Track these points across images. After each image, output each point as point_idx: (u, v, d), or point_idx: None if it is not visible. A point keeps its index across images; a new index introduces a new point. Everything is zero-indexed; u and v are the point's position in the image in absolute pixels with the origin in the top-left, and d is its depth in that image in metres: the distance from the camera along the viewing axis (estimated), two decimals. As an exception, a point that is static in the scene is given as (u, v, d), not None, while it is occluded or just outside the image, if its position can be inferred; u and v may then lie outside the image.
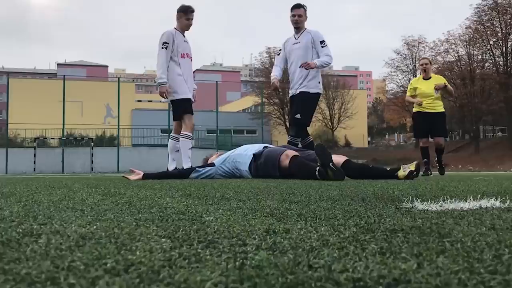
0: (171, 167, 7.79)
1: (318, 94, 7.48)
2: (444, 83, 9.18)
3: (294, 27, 7.66)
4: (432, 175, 8.87)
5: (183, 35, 7.94)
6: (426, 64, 9.45)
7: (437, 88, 9.00)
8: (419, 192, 3.12)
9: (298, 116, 7.36)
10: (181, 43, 7.76)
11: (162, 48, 7.52)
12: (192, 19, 7.94)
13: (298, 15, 7.55)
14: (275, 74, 7.98)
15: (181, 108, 7.76)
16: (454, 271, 0.86)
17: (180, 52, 7.72)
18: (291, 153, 6.34)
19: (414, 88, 9.22)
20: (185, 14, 7.83)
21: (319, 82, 7.47)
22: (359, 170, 6.42)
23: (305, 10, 7.65)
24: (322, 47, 7.37)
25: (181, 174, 6.81)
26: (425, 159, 9.32)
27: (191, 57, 8.01)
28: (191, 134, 7.83)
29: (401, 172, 6.04)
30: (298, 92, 7.42)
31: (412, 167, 6.08)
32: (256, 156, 6.70)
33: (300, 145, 7.38)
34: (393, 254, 1.01)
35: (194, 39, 7.81)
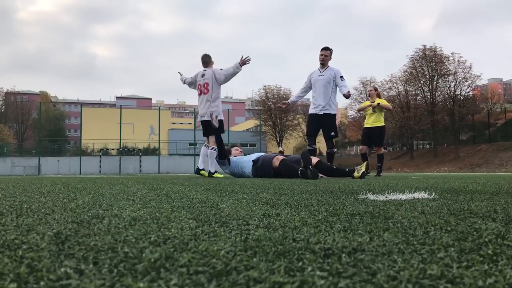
0: (201, 166, 7.74)
1: (335, 113, 7.37)
2: (378, 103, 9.00)
3: (320, 63, 7.29)
4: (381, 176, 8.80)
5: None
6: (370, 91, 9.31)
7: (373, 107, 8.97)
8: (371, 187, 3.12)
9: (333, 133, 7.21)
10: None
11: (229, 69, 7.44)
12: None
13: (325, 55, 7.24)
14: (291, 99, 7.91)
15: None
16: (396, 242, 0.86)
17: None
18: (280, 157, 6.36)
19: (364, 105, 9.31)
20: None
21: (336, 106, 7.35)
22: (327, 169, 6.38)
23: (331, 52, 7.34)
24: (341, 80, 7.14)
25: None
26: (366, 161, 9.24)
27: None
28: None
29: (356, 174, 5.97)
30: (322, 113, 7.15)
31: (363, 168, 6.00)
32: (254, 162, 6.70)
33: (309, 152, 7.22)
34: (352, 231, 1.01)
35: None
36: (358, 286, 0.56)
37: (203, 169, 7.73)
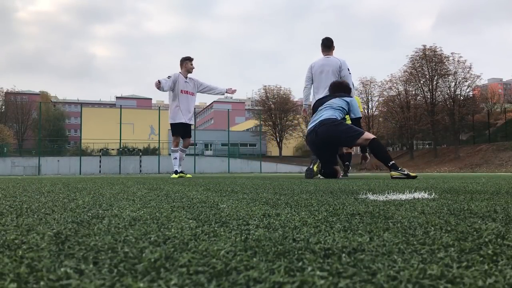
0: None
1: None
2: None
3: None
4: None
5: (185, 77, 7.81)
6: None
7: None
8: (371, 187, 3.12)
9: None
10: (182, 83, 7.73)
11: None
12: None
13: None
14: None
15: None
16: (395, 243, 0.86)
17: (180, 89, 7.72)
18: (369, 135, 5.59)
19: None
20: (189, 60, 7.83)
21: None
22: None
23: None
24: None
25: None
26: (347, 162, 9.04)
27: (191, 93, 7.86)
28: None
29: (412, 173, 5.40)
30: None
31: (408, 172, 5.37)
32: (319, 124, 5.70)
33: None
34: (352, 231, 1.01)
35: (214, 81, 7.84)
36: (358, 286, 0.56)
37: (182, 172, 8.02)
